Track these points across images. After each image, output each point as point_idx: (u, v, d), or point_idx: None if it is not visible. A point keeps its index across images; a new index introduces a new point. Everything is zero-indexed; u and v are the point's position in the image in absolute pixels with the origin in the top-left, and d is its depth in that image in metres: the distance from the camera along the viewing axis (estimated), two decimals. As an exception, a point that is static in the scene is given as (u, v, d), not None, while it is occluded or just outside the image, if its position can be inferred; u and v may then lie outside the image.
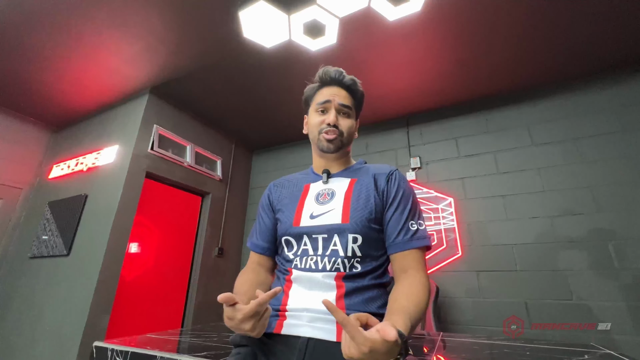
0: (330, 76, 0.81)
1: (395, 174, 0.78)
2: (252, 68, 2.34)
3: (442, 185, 2.67)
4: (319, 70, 0.83)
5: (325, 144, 0.79)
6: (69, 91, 2.67)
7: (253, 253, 0.83)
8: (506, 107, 2.63)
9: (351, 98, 0.82)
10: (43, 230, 2.63)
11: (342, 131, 0.79)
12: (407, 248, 0.69)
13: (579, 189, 2.22)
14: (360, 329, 0.43)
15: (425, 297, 0.62)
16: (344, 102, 0.80)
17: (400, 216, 0.71)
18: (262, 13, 1.80)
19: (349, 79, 0.82)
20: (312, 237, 0.70)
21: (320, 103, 0.80)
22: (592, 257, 2.07)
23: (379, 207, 0.73)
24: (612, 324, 1.91)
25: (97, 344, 1.06)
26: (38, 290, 2.38)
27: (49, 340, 2.10)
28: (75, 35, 2.06)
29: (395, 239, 0.70)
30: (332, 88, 0.81)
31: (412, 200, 0.75)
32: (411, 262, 0.68)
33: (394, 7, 1.74)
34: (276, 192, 0.85)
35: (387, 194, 0.74)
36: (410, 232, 0.70)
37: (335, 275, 0.64)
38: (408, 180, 0.81)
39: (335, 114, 0.79)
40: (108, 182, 2.44)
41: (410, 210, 0.72)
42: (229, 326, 0.56)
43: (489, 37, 2.03)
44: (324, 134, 0.78)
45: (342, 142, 0.80)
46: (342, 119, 0.80)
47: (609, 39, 2.05)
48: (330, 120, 0.78)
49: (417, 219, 0.72)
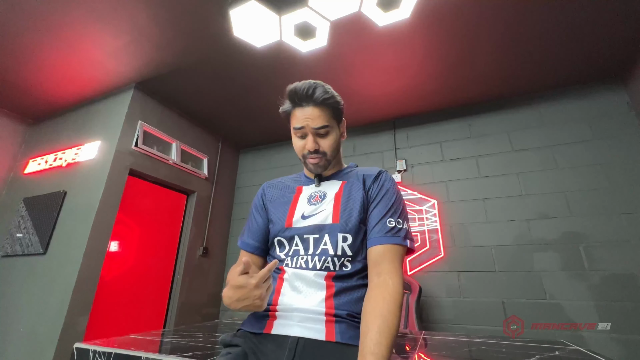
0: (299, 96, 0.76)
1: (383, 175, 0.81)
2: (242, 67, 2.33)
3: (426, 187, 2.75)
4: (288, 90, 0.78)
5: (312, 167, 0.80)
6: (48, 83, 2.56)
7: (243, 252, 0.84)
8: (488, 113, 2.73)
9: (327, 114, 0.77)
10: (17, 227, 2.52)
11: (324, 152, 0.78)
12: (381, 243, 0.67)
13: (553, 193, 2.34)
14: None
15: (397, 316, 0.59)
16: (319, 124, 0.76)
17: (380, 212, 0.72)
18: (253, 13, 1.79)
19: (320, 94, 0.75)
20: (304, 237, 0.72)
21: (297, 129, 0.78)
22: (564, 258, 2.18)
23: (366, 207, 0.75)
24: (578, 321, 2.02)
25: (78, 345, 1.03)
26: (11, 291, 2.28)
27: (22, 343, 2.02)
28: (56, 25, 1.99)
29: (371, 233, 0.70)
30: (305, 109, 0.76)
31: (395, 198, 0.75)
32: (384, 260, 0.66)
33: (383, 12, 1.78)
34: (269, 192, 0.87)
35: (371, 192, 0.76)
36: (387, 228, 0.69)
37: (325, 275, 0.66)
38: (396, 182, 0.84)
39: (312, 139, 0.77)
40: (89, 179, 2.36)
41: (391, 207, 0.73)
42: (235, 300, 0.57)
43: (472, 47, 2.11)
44: (309, 159, 0.79)
45: (327, 161, 0.80)
46: (322, 140, 0.78)
47: (583, 54, 2.17)
48: (309, 147, 0.77)
49: (397, 217, 0.72)
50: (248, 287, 0.55)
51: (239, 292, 0.56)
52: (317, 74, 2.40)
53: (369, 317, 0.58)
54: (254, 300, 0.56)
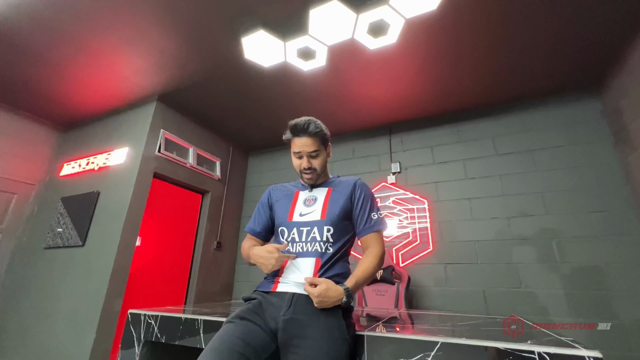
0: (297, 129, 1.06)
1: (358, 183, 1.11)
2: (251, 83, 2.64)
3: (418, 188, 3.02)
4: (290, 124, 1.07)
5: (306, 180, 1.13)
6: (80, 95, 2.91)
7: (249, 235, 1.15)
8: (476, 120, 2.98)
9: (317, 142, 1.07)
10: (57, 223, 2.89)
11: (315, 168, 1.09)
12: (370, 232, 1.05)
13: (531, 194, 2.59)
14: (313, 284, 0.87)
15: (375, 263, 0.99)
16: (312, 149, 1.06)
17: (364, 211, 1.06)
18: (262, 40, 2.09)
19: (313, 128, 1.05)
20: (300, 229, 1.02)
21: (296, 152, 1.09)
22: (539, 252, 2.44)
23: (349, 208, 1.06)
24: (550, 308, 2.28)
25: (132, 311, 1.36)
26: (54, 277, 2.65)
27: (67, 322, 2.38)
28: (93, 48, 2.32)
29: (363, 227, 1.05)
30: (302, 139, 1.06)
31: (371, 199, 1.10)
32: (372, 241, 1.04)
33: (373, 38, 2.06)
34: (275, 194, 1.17)
35: (354, 197, 1.08)
36: (372, 221, 1.05)
37: (314, 258, 0.96)
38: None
39: (307, 160, 1.07)
40: (120, 181, 2.71)
41: (370, 207, 1.07)
42: (259, 257, 0.95)
43: (455, 63, 2.36)
44: (304, 174, 1.11)
45: (317, 175, 1.11)
46: (313, 160, 1.09)
47: (560, 66, 2.40)
48: (304, 165, 1.08)
49: (375, 211, 1.07)
50: (274, 253, 0.91)
51: (268, 255, 0.91)
52: (317, 89, 2.70)
53: (362, 263, 0.99)
54: (269, 264, 0.91)
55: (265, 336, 0.83)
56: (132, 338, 1.30)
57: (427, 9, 1.84)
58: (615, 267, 2.22)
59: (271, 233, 1.14)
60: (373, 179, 3.21)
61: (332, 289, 0.84)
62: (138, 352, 1.26)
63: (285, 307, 0.87)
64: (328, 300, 0.83)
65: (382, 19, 1.91)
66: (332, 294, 0.84)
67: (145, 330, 1.29)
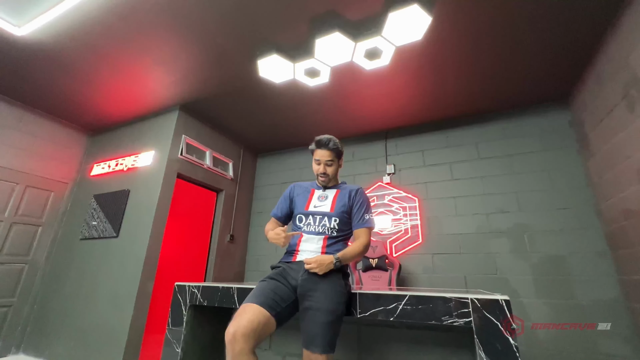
0: (320, 144, 1.45)
1: (358, 191, 1.49)
2: (263, 96, 3.01)
3: (410, 187, 3.39)
4: (315, 139, 1.47)
5: (320, 182, 1.50)
6: (111, 104, 3.30)
7: (273, 219, 1.53)
8: (461, 128, 3.35)
9: (333, 154, 1.45)
10: (91, 217, 3.28)
11: (327, 174, 1.47)
12: (361, 227, 1.41)
13: (508, 193, 2.96)
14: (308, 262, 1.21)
15: (358, 249, 1.34)
16: (328, 159, 1.45)
17: (359, 212, 1.42)
18: (274, 62, 2.47)
19: (332, 145, 1.44)
20: (314, 216, 1.39)
21: (316, 160, 1.47)
22: (512, 243, 2.82)
23: (349, 207, 1.44)
24: (520, 291, 2.66)
25: (178, 284, 1.75)
26: (92, 264, 3.05)
27: (107, 302, 2.78)
28: (126, 65, 2.69)
29: (356, 223, 1.42)
30: (322, 151, 1.44)
31: (366, 204, 1.46)
32: (362, 233, 1.39)
33: (369, 61, 2.43)
34: (296, 190, 1.55)
35: (354, 200, 1.45)
36: (364, 220, 1.41)
37: (323, 237, 1.34)
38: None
39: (324, 166, 1.45)
40: (148, 181, 3.09)
41: (364, 209, 1.43)
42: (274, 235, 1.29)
43: (440, 79, 2.73)
44: (319, 177, 1.48)
45: (329, 179, 1.49)
46: (328, 167, 1.46)
47: (534, 80, 2.76)
48: (321, 170, 1.46)
49: (368, 213, 1.43)
50: (282, 234, 1.27)
51: (281, 234, 1.27)
52: (321, 101, 3.08)
53: (351, 246, 1.35)
54: (280, 240, 1.27)
55: (288, 290, 1.22)
56: (180, 303, 1.69)
57: (413, 39, 2.21)
58: (576, 256, 2.59)
59: (289, 219, 1.53)
60: (370, 179, 3.59)
61: (324, 257, 1.23)
62: (185, 313, 1.65)
63: (302, 271, 1.25)
64: (323, 264, 1.20)
65: (376, 46, 2.28)
66: (325, 259, 1.22)
67: (190, 297, 1.68)
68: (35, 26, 2.27)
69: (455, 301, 1.15)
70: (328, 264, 1.23)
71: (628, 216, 2.19)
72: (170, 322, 1.68)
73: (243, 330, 1.02)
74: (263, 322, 1.08)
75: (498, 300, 1.09)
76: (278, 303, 1.17)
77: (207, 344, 1.77)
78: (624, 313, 2.34)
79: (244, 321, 1.05)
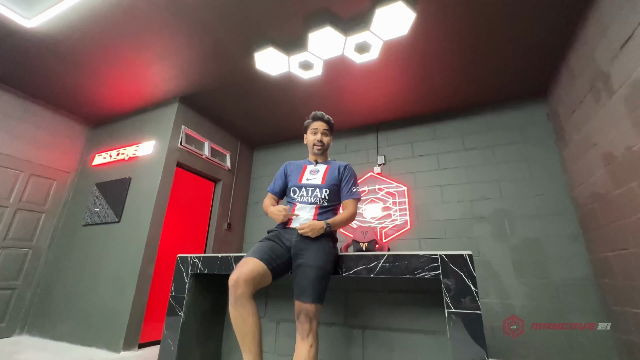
0: (317, 116, 1.66)
1: (346, 167, 1.65)
2: (260, 88, 3.17)
3: (399, 177, 3.57)
4: (312, 113, 1.67)
5: (317, 150, 1.65)
6: (113, 97, 3.43)
7: (270, 194, 1.68)
8: (448, 121, 3.54)
9: (327, 127, 1.66)
10: (93, 204, 3.41)
11: (324, 143, 1.64)
12: (349, 198, 1.57)
13: (490, 181, 3.15)
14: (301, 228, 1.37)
15: (346, 218, 1.49)
16: (325, 128, 1.65)
17: (348, 185, 1.59)
18: (270, 55, 2.62)
19: (327, 118, 1.67)
20: (307, 188, 1.55)
21: (313, 129, 1.65)
22: (494, 228, 3.00)
23: (338, 180, 1.60)
24: (500, 272, 2.84)
25: (180, 255, 1.90)
26: (95, 248, 3.18)
27: (110, 283, 2.91)
28: (128, 60, 2.83)
29: (345, 194, 1.58)
30: (319, 122, 1.65)
31: (353, 178, 1.62)
32: (349, 204, 1.56)
33: (359, 55, 2.60)
34: (289, 168, 1.71)
35: (342, 175, 1.61)
36: (351, 192, 1.58)
37: (315, 206, 1.51)
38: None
39: (320, 135, 1.63)
40: (149, 169, 3.23)
41: (352, 183, 1.60)
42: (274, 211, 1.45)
43: (425, 74, 2.91)
44: (315, 146, 1.64)
45: (324, 148, 1.66)
46: (324, 137, 1.64)
47: (514, 76, 2.95)
48: (318, 138, 1.63)
49: (355, 186, 1.60)
50: (283, 211, 1.42)
51: (282, 211, 1.43)
52: (315, 94, 3.24)
53: (339, 215, 1.51)
54: (279, 217, 1.43)
55: (283, 250, 1.38)
56: (182, 272, 1.84)
57: (399, 33, 2.38)
58: (551, 239, 2.79)
59: (284, 194, 1.68)
60: (362, 169, 3.76)
61: (316, 222, 1.38)
62: (187, 280, 1.81)
63: (296, 235, 1.41)
64: (315, 228, 1.36)
65: (365, 40, 2.45)
66: (317, 225, 1.37)
67: (191, 267, 1.83)
68: (44, 19, 2.40)
69: (426, 257, 1.32)
70: (319, 228, 1.38)
71: (596, 199, 2.39)
72: (173, 290, 1.83)
73: (245, 277, 1.18)
74: (261, 273, 1.24)
75: (462, 254, 1.26)
76: (274, 259, 1.33)
77: (207, 310, 1.92)
78: (592, 289, 2.54)
79: (246, 270, 1.20)
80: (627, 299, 2.10)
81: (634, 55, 1.83)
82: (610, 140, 2.13)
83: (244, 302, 1.18)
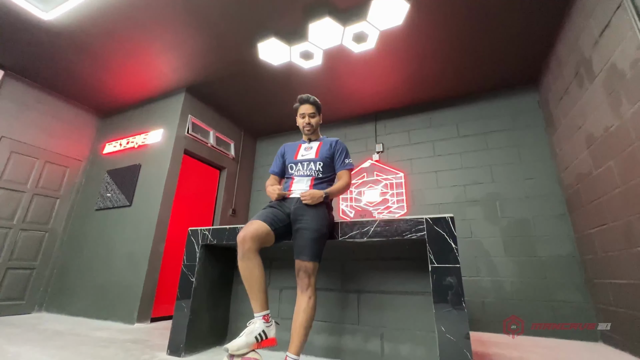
0: (303, 100, 1.79)
1: (338, 141, 1.80)
2: (263, 78, 3.32)
3: (397, 164, 3.72)
4: (298, 97, 1.80)
5: (306, 131, 1.81)
6: (122, 87, 3.59)
7: (272, 175, 1.85)
8: (443, 109, 3.67)
9: (314, 108, 1.79)
10: (105, 190, 3.59)
11: (312, 124, 1.79)
12: (343, 169, 1.73)
13: (483, 167, 3.29)
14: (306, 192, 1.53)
15: (342, 186, 1.66)
16: (311, 111, 1.78)
17: (341, 157, 1.75)
18: (273, 45, 2.77)
19: (312, 100, 1.79)
20: (302, 163, 1.71)
21: (301, 114, 1.79)
22: (485, 210, 3.15)
23: (331, 153, 1.75)
24: (491, 251, 3.00)
25: (191, 228, 2.07)
26: (108, 230, 3.36)
27: (124, 260, 3.10)
28: (138, 50, 2.99)
29: (339, 165, 1.74)
30: (305, 105, 1.79)
31: (345, 150, 1.78)
32: (343, 174, 1.72)
33: (357, 44, 2.74)
34: (285, 148, 1.87)
35: (334, 149, 1.77)
36: (344, 163, 1.74)
37: (311, 178, 1.67)
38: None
39: (308, 118, 1.78)
40: (158, 156, 3.40)
41: (344, 155, 1.76)
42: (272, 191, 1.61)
43: (421, 63, 3.04)
44: (305, 128, 1.79)
45: (313, 129, 1.81)
46: (311, 118, 1.79)
47: (506, 65, 3.08)
48: (306, 121, 1.78)
49: (347, 158, 1.76)
50: (277, 190, 1.59)
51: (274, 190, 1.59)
52: (315, 83, 3.39)
53: (335, 185, 1.69)
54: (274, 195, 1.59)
55: (284, 215, 1.55)
56: (193, 243, 2.02)
57: (394, 23, 2.52)
58: (539, 219, 2.94)
59: (284, 172, 1.84)
60: (361, 157, 3.92)
61: (315, 191, 1.54)
62: (198, 250, 1.98)
63: (295, 202, 1.58)
64: (315, 196, 1.52)
65: (362, 30, 2.59)
66: (316, 193, 1.53)
67: (202, 238, 2.00)
68: (61, 11, 2.56)
69: (413, 221, 1.48)
70: (318, 197, 1.54)
71: (580, 179, 2.53)
72: (185, 259, 2.01)
73: (251, 235, 1.35)
74: (266, 232, 1.41)
75: (445, 217, 1.43)
76: (277, 222, 1.50)
77: (216, 280, 2.10)
78: (577, 266, 2.69)
79: (252, 228, 1.37)
80: (606, 271, 2.26)
81: (612, 41, 1.96)
82: (591, 123, 2.27)
83: (251, 256, 1.35)
